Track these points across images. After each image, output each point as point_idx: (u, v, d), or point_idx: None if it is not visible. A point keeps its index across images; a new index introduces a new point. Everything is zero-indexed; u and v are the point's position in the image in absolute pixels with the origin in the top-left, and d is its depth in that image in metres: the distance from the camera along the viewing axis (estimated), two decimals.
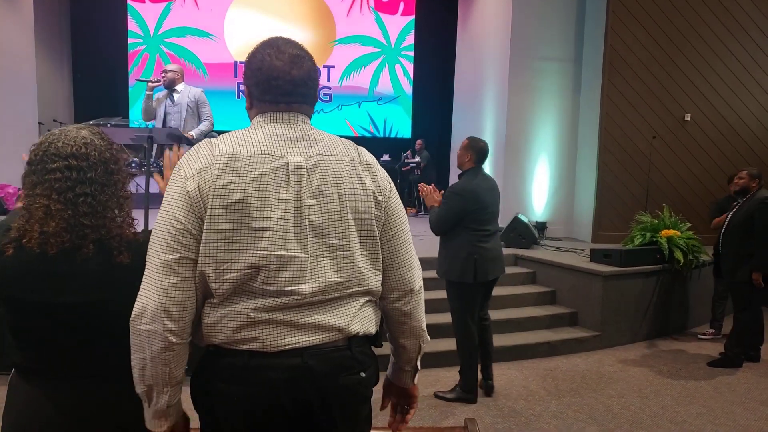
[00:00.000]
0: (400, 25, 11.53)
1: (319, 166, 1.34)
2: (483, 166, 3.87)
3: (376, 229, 1.40)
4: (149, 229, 1.49)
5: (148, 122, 5.45)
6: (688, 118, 7.19)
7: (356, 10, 11.41)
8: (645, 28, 7.01)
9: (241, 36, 11.21)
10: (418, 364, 1.59)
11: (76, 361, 1.40)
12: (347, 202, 1.35)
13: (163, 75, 5.34)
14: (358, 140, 1.52)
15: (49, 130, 1.62)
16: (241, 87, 11.12)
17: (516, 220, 6.38)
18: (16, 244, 1.33)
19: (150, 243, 1.29)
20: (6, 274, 1.35)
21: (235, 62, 11.26)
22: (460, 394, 3.86)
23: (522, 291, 5.52)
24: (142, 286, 1.28)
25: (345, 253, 1.35)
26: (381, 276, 1.44)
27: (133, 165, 8.11)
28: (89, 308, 1.37)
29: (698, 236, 5.62)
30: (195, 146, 1.35)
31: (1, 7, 8.01)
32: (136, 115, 10.66)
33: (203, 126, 5.29)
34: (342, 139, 1.44)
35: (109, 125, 7.22)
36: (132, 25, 10.93)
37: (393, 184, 1.49)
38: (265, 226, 1.28)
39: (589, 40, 7.31)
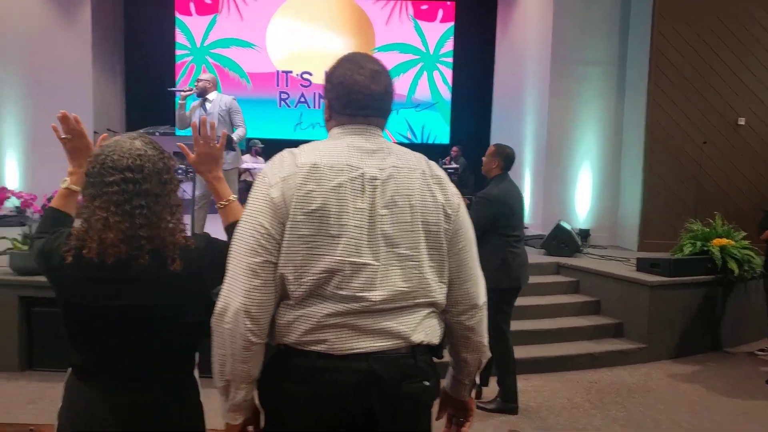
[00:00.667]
0: (439, 31, 11.51)
1: (393, 178, 1.39)
2: (510, 172, 3.86)
3: (444, 242, 1.43)
4: (197, 233, 1.52)
5: (182, 130, 5.55)
6: (741, 122, 6.90)
7: (395, 18, 11.45)
8: (693, 28, 6.78)
9: (282, 46, 11.40)
10: (477, 378, 1.62)
11: (129, 363, 1.45)
12: (418, 213, 1.39)
13: (196, 84, 5.43)
14: None
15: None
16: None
17: (558, 228, 6.25)
18: (75, 252, 1.38)
19: (233, 246, 1.35)
20: (65, 280, 1.41)
21: (277, 71, 11.44)
22: (500, 405, 3.79)
23: (564, 300, 5.40)
24: (224, 286, 1.34)
25: (414, 263, 1.39)
26: (446, 289, 1.46)
27: (179, 171, 8.32)
28: (141, 313, 1.42)
29: (754, 246, 5.37)
30: (278, 155, 1.42)
31: (62, 24, 8.41)
32: None
33: (239, 132, 5.37)
34: (414, 152, 1.49)
35: (157, 133, 7.41)
36: (180, 37, 11.25)
37: (462, 199, 1.51)
38: (341, 233, 1.33)
39: (633, 42, 7.12)
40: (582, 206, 7.34)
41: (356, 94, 1.42)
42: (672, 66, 6.79)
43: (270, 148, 10.09)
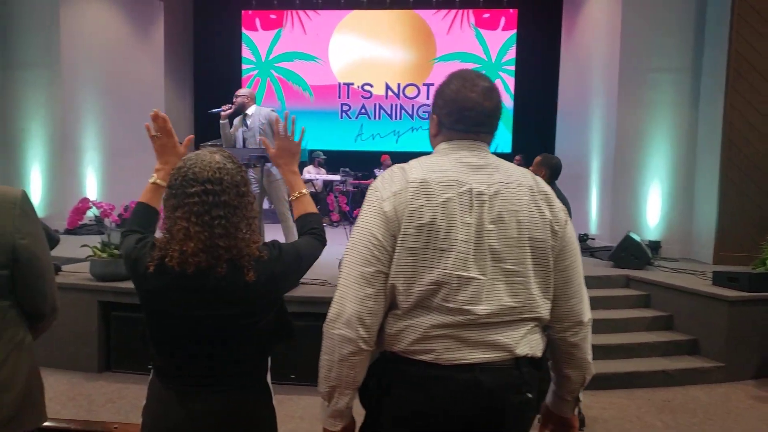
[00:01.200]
0: (501, 39, 11.42)
1: (500, 194, 1.41)
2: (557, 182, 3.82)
3: (550, 259, 1.44)
4: (268, 242, 1.57)
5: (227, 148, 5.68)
6: None
7: (456, 28, 11.45)
8: None
9: (344, 58, 11.60)
10: (580, 395, 1.62)
11: (205, 368, 1.50)
12: (525, 229, 1.41)
13: (234, 101, 5.51)
14: None
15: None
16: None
17: (627, 239, 6.03)
18: (158, 261, 1.44)
19: (347, 256, 1.42)
20: (148, 288, 1.48)
21: (339, 84, 11.64)
22: None
23: (634, 315, 5.19)
24: (337, 294, 1.40)
25: (520, 279, 1.40)
26: (550, 304, 1.47)
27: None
28: (218, 321, 1.47)
29: None
30: (389, 170, 1.47)
31: (138, 43, 8.90)
32: None
33: None
34: (520, 168, 1.51)
35: (224, 146, 7.71)
36: (246, 52, 11.65)
37: (568, 216, 1.51)
38: (450, 246, 1.36)
39: (710, 47, 6.80)
40: (652, 217, 7.07)
41: (469, 111, 1.45)
42: (753, 70, 6.43)
43: (331, 159, 10.27)
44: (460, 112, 1.45)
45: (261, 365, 1.59)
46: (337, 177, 9.96)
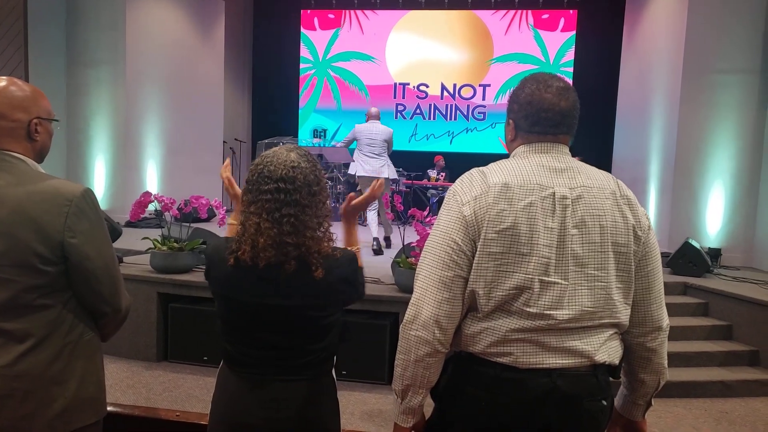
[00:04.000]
0: (560, 41, 11.19)
1: (583, 198, 1.39)
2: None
3: (632, 264, 1.43)
4: (347, 248, 1.62)
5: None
6: None
7: (514, 28, 11.30)
8: None
9: (401, 58, 11.62)
10: (653, 400, 1.61)
11: (275, 358, 1.56)
12: (608, 234, 1.39)
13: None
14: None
15: (231, 148, 1.84)
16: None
17: (686, 246, 5.83)
18: (235, 255, 1.51)
19: (424, 259, 1.43)
20: (225, 279, 1.56)
21: (395, 84, 11.68)
22: None
23: (692, 323, 5.02)
24: (415, 296, 1.41)
25: (602, 284, 1.39)
26: (629, 310, 1.46)
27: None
28: (288, 312, 1.53)
29: None
30: (468, 174, 1.46)
31: (200, 44, 9.20)
32: (304, 135, 11.52)
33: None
34: (602, 171, 1.50)
35: (281, 144, 7.89)
36: (304, 51, 11.85)
37: (650, 221, 1.50)
38: (532, 251, 1.36)
39: None
40: (713, 224, 6.80)
41: (545, 112, 1.44)
42: None
43: None
44: (537, 114, 1.44)
45: (328, 359, 1.64)
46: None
